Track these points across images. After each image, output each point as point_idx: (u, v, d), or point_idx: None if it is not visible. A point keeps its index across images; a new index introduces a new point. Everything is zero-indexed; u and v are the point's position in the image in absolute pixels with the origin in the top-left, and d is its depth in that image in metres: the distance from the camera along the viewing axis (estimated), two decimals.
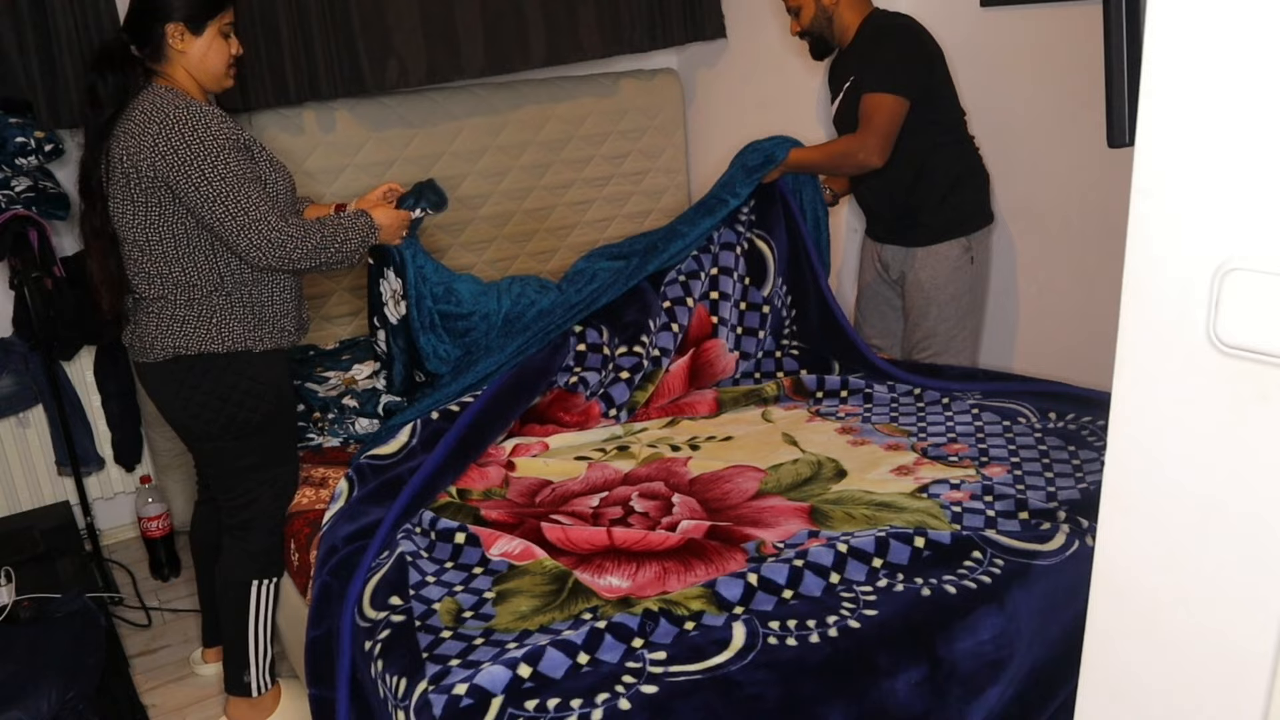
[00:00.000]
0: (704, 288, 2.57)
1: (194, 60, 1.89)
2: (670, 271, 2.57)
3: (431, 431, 2.13)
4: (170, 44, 1.86)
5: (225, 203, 1.79)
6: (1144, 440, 0.78)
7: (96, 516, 2.83)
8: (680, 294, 2.53)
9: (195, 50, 1.88)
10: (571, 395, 2.36)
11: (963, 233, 2.56)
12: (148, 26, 1.86)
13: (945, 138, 2.53)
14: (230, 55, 1.93)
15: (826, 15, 2.54)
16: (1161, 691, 0.81)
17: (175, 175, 1.79)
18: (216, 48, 1.90)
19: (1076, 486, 1.88)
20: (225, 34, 1.91)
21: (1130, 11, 0.83)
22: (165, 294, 1.90)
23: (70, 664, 2.06)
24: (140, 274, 1.91)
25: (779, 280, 2.64)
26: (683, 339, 2.51)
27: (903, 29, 2.49)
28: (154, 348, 1.91)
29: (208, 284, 1.90)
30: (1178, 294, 0.73)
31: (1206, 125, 0.70)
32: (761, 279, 2.63)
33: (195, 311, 1.90)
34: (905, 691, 1.44)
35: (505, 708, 1.34)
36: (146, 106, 1.81)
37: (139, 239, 1.88)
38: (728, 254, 2.59)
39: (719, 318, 2.57)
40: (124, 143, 1.81)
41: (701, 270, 2.57)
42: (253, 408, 1.96)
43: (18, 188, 2.43)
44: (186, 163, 1.78)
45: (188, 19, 1.85)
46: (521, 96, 3.19)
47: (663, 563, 1.71)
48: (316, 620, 1.77)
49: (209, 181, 1.78)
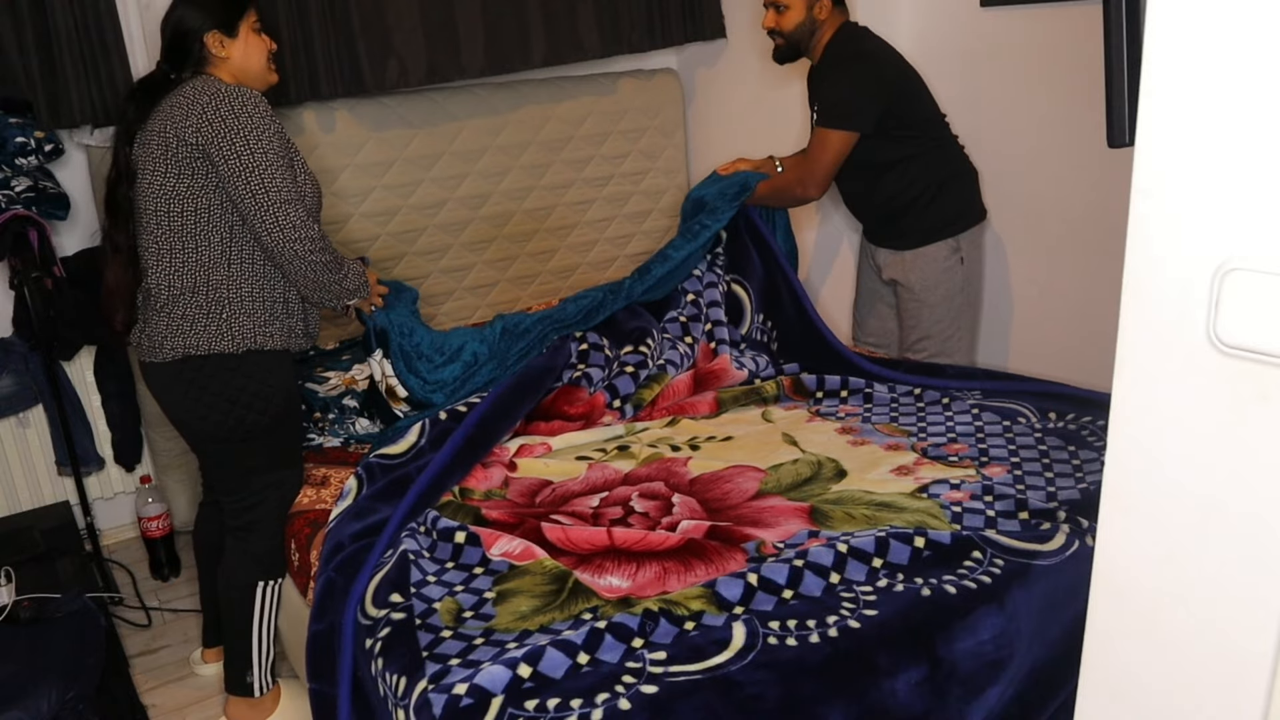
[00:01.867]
0: (702, 325, 2.66)
1: (237, 62, 1.97)
2: (670, 312, 2.66)
3: (440, 431, 2.14)
4: (212, 52, 1.94)
5: (258, 179, 1.84)
6: (1144, 440, 0.78)
7: (96, 516, 2.82)
8: (680, 333, 2.62)
9: (236, 52, 1.96)
10: (575, 389, 2.37)
11: (950, 233, 2.56)
12: (187, 47, 1.93)
13: (924, 143, 2.52)
14: (268, 50, 2.01)
15: (812, 26, 2.51)
16: (1161, 691, 0.81)
17: (216, 144, 1.83)
18: (254, 45, 1.99)
19: (1076, 486, 1.88)
20: (257, 31, 1.99)
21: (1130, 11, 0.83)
22: (178, 293, 1.91)
23: (70, 664, 2.06)
24: (157, 266, 1.92)
25: (759, 317, 2.72)
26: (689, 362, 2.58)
27: (858, 57, 2.45)
28: (163, 347, 1.92)
29: (220, 274, 1.91)
30: (1178, 294, 0.73)
31: (1206, 125, 0.70)
32: (739, 320, 2.72)
33: (206, 310, 1.91)
34: (905, 691, 1.44)
35: (505, 707, 1.34)
36: (198, 85, 1.87)
37: (161, 211, 1.90)
38: (713, 291, 2.71)
39: (718, 341, 2.64)
40: (169, 115, 1.87)
41: (700, 313, 2.66)
42: (260, 410, 1.96)
43: (18, 188, 2.42)
44: (230, 134, 1.83)
45: (220, 24, 1.93)
46: (521, 96, 3.19)
47: (663, 563, 1.71)
48: (319, 615, 1.77)
49: (247, 155, 1.83)
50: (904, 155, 2.50)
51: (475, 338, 2.42)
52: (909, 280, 2.61)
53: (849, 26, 2.53)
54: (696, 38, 3.36)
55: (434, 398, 2.28)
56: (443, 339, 2.39)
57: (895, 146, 2.49)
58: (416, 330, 2.35)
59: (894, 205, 2.57)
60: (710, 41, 3.41)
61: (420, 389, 2.28)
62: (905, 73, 2.50)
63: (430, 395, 2.28)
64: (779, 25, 2.53)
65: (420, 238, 3.09)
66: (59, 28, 2.51)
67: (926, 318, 2.61)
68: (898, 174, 2.53)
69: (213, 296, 1.91)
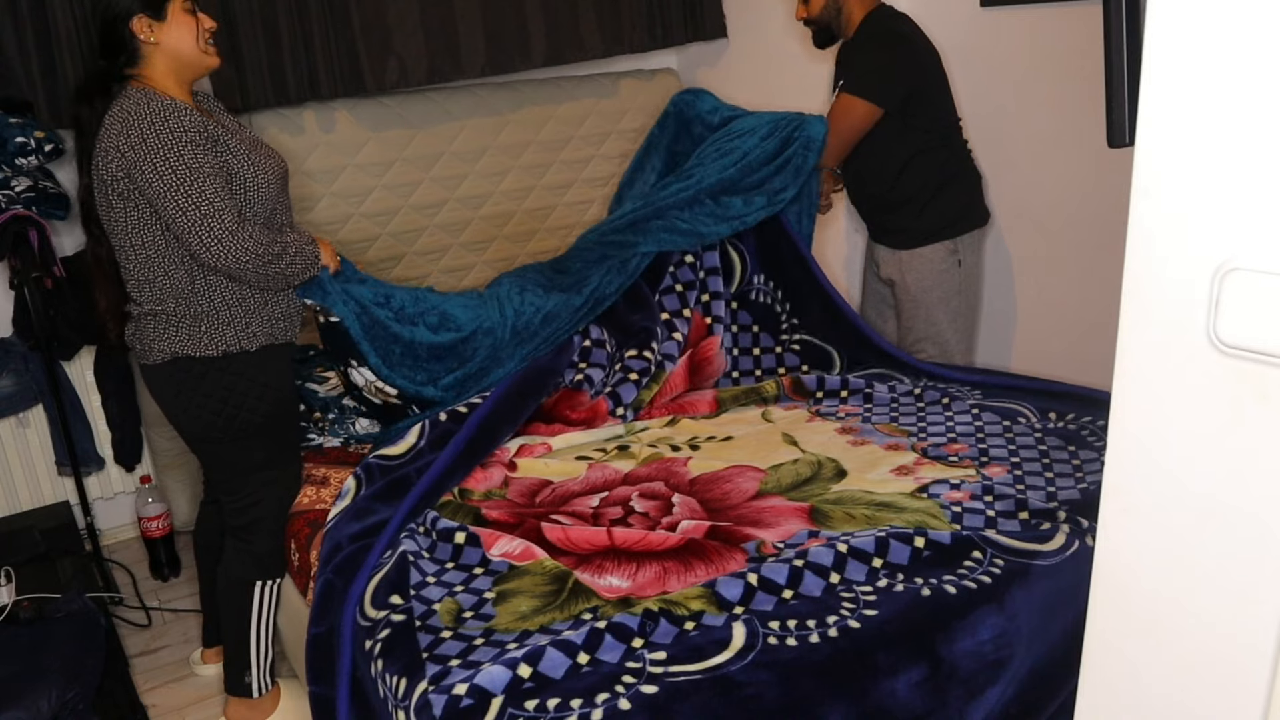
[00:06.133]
0: (697, 293, 2.59)
1: (169, 47, 1.88)
2: (665, 277, 2.57)
3: (440, 433, 2.13)
4: (141, 39, 1.86)
5: (181, 195, 1.78)
6: (1144, 440, 0.78)
7: (96, 516, 2.82)
8: (678, 305, 2.56)
9: (166, 36, 1.87)
10: (577, 393, 2.36)
11: (949, 235, 2.56)
12: (117, 34, 1.86)
13: (932, 142, 2.52)
14: (202, 30, 1.91)
15: (836, 6, 2.54)
16: (1161, 692, 0.81)
17: (137, 168, 1.78)
18: (185, 26, 1.89)
19: (1076, 486, 1.88)
20: (189, 11, 1.90)
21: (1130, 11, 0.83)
22: (159, 305, 1.90)
23: (70, 664, 2.06)
24: (134, 283, 1.91)
25: (756, 277, 2.64)
26: (684, 345, 2.53)
27: (897, 36, 2.48)
28: (153, 350, 1.92)
29: (191, 288, 1.90)
30: (1178, 294, 0.73)
31: (1206, 125, 0.70)
32: (729, 277, 2.64)
33: (190, 317, 1.90)
34: (905, 691, 1.44)
35: (505, 708, 1.34)
36: (116, 110, 1.82)
37: (123, 245, 1.88)
38: (711, 255, 2.62)
39: (713, 317, 2.59)
40: (99, 148, 1.82)
41: (695, 279, 2.59)
42: (253, 408, 1.96)
43: (18, 188, 2.42)
44: (147, 155, 1.77)
45: (146, 7, 1.85)
46: (522, 96, 3.19)
47: (663, 563, 1.71)
48: (318, 618, 1.77)
49: (166, 173, 1.77)
50: (910, 148, 2.50)
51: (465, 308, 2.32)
52: (905, 280, 2.61)
53: (886, 8, 2.56)
54: (697, 38, 3.36)
55: (425, 391, 2.23)
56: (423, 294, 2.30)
57: (904, 137, 2.49)
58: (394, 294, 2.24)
59: (891, 197, 2.57)
60: (711, 41, 3.41)
61: (410, 385, 2.22)
62: (937, 65, 2.51)
63: (422, 389, 2.22)
64: (808, 14, 2.59)
65: (420, 238, 3.09)
66: (59, 28, 2.51)
67: (922, 318, 2.61)
68: (901, 170, 2.53)
69: (189, 311, 1.90)
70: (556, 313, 2.41)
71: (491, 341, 2.32)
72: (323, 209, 2.90)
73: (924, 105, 2.49)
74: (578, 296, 2.45)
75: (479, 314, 2.34)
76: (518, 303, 2.41)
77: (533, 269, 2.69)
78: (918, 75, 2.46)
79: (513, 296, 2.44)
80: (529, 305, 2.41)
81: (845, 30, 2.58)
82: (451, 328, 2.29)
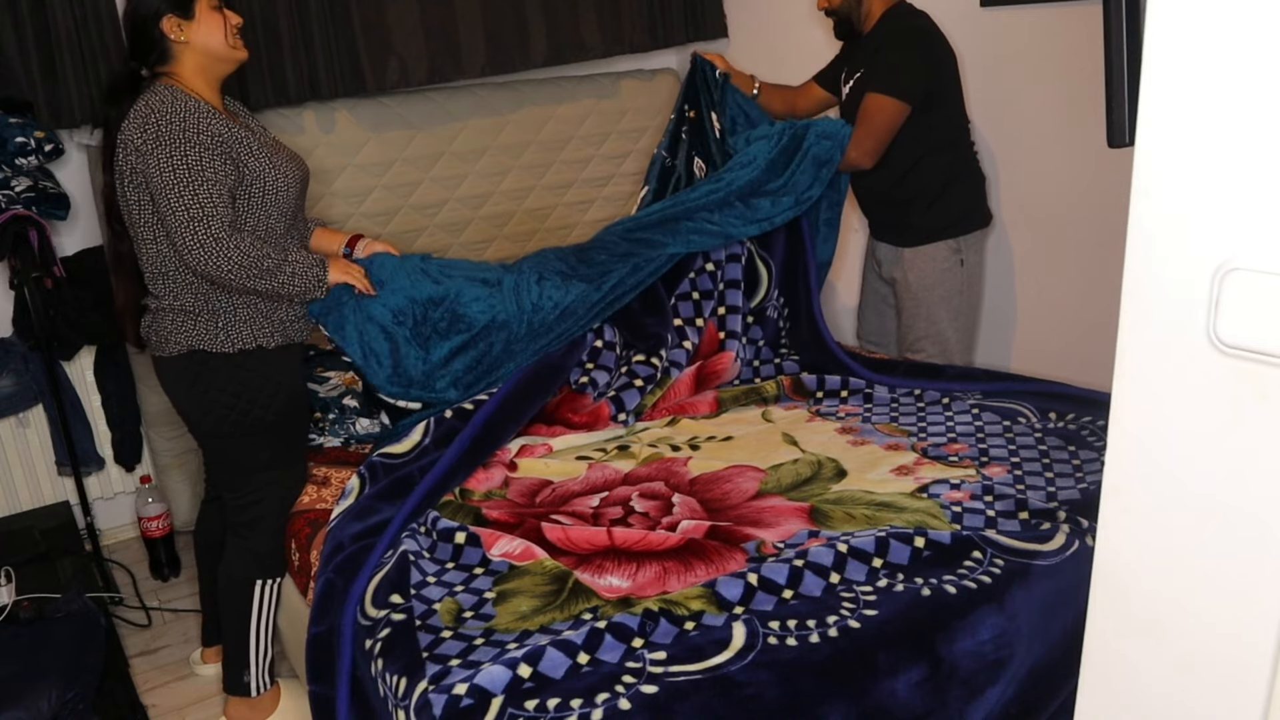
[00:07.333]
0: (714, 304, 2.57)
1: (199, 45, 1.90)
2: (683, 283, 2.55)
3: (445, 430, 2.13)
4: (172, 39, 1.88)
5: (178, 193, 1.78)
6: (1144, 440, 0.78)
7: (96, 516, 2.82)
8: (692, 313, 2.55)
9: (196, 34, 1.89)
10: (580, 396, 2.35)
11: (952, 234, 2.55)
12: (148, 35, 1.88)
13: (942, 142, 2.52)
14: (229, 25, 1.93)
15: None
16: (1161, 692, 0.81)
17: (146, 161, 1.80)
18: (213, 23, 1.91)
19: (1076, 486, 1.87)
20: (216, 8, 1.92)
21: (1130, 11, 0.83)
22: (177, 300, 1.92)
23: (70, 664, 2.06)
24: (153, 278, 1.93)
25: (774, 293, 2.64)
26: (694, 355, 2.52)
27: (920, 32, 2.48)
28: (169, 341, 1.93)
29: (208, 287, 1.91)
30: (1178, 294, 0.73)
31: (1206, 125, 0.70)
32: (753, 290, 2.63)
33: (208, 313, 1.92)
34: (905, 691, 1.44)
35: (505, 708, 1.34)
36: (140, 104, 1.83)
37: (142, 239, 1.90)
38: (734, 266, 2.60)
39: (727, 332, 2.57)
40: (120, 140, 1.84)
41: (714, 289, 2.57)
42: (265, 405, 1.96)
43: (18, 188, 2.42)
44: (157, 149, 1.79)
45: (174, 7, 1.87)
46: (522, 96, 3.19)
47: (663, 563, 1.71)
48: (319, 617, 1.77)
49: (169, 170, 1.78)
50: (923, 146, 2.50)
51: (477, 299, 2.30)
52: (907, 279, 2.61)
53: (906, 4, 2.56)
54: (697, 38, 3.37)
55: (432, 398, 2.24)
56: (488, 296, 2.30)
57: (917, 135, 2.49)
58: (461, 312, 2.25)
59: (897, 194, 2.57)
60: (711, 42, 3.41)
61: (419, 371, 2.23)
62: (953, 65, 2.52)
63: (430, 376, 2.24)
64: (829, 4, 2.59)
65: (420, 238, 3.09)
66: (59, 28, 2.51)
67: (924, 317, 2.61)
68: (909, 168, 2.53)
69: (207, 307, 1.91)
70: (574, 309, 2.38)
71: (506, 335, 2.30)
72: (323, 209, 2.90)
73: (941, 104, 2.49)
74: (596, 292, 2.41)
75: (492, 305, 2.31)
76: (535, 295, 2.37)
77: (554, 253, 2.62)
78: (937, 72, 2.47)
79: (530, 286, 2.39)
80: (547, 300, 2.37)
81: (864, 23, 2.58)
82: (461, 329, 2.28)
